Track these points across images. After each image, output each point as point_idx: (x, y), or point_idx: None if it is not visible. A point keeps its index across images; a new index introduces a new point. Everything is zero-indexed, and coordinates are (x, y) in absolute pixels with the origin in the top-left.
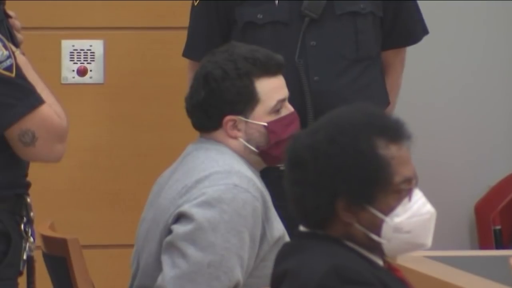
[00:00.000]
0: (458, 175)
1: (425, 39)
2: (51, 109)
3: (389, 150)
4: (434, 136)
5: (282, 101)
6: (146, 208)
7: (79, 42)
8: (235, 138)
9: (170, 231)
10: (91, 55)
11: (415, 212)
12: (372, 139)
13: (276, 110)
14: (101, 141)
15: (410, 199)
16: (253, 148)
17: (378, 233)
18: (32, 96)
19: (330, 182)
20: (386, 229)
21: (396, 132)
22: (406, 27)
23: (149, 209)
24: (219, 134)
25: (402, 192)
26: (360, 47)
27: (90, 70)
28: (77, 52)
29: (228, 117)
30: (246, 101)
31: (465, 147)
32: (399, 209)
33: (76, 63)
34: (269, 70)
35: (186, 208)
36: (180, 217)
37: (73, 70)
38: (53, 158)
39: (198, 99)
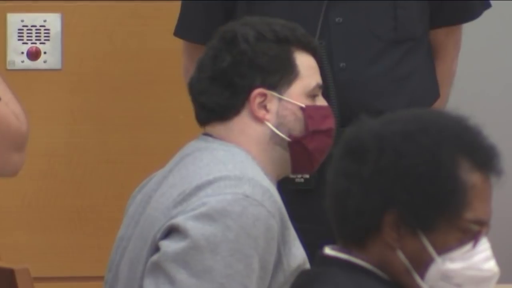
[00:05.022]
0: None
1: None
2: (7, 109)
3: (472, 176)
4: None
5: (319, 87)
6: (125, 223)
7: (29, 17)
8: (261, 121)
9: (157, 248)
10: (45, 33)
11: (474, 264)
12: (457, 155)
13: (313, 95)
14: (58, 143)
15: (474, 246)
16: (284, 136)
17: (422, 274)
18: None
19: (388, 185)
20: (433, 271)
21: (487, 159)
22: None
23: (131, 225)
24: (239, 121)
25: (468, 233)
26: (399, 25)
27: (44, 53)
28: (28, 29)
29: (258, 90)
30: (283, 71)
31: None
32: (457, 253)
33: (26, 43)
34: (307, 45)
35: (180, 220)
36: (172, 231)
37: (22, 52)
38: (8, 171)
39: (221, 66)
